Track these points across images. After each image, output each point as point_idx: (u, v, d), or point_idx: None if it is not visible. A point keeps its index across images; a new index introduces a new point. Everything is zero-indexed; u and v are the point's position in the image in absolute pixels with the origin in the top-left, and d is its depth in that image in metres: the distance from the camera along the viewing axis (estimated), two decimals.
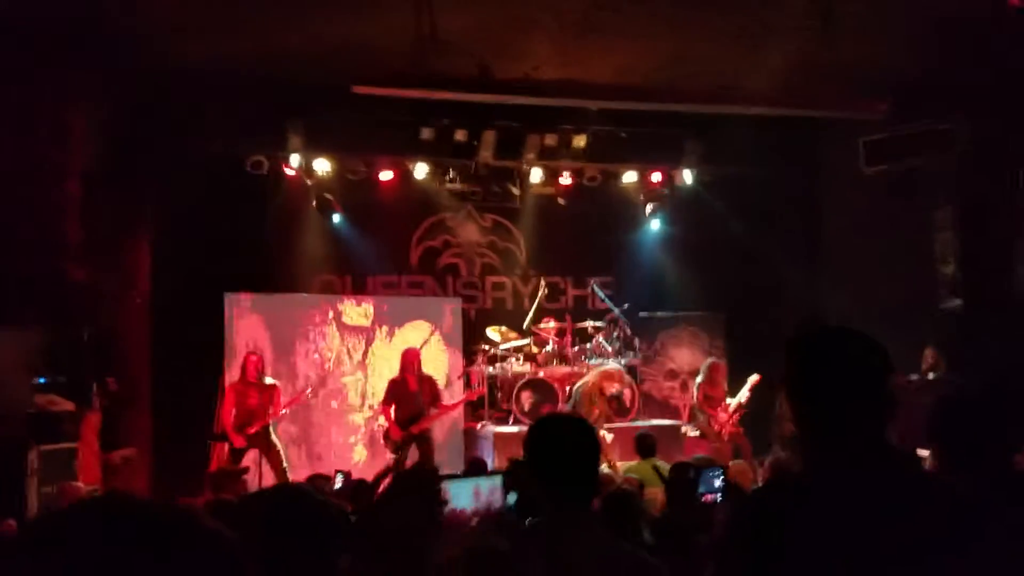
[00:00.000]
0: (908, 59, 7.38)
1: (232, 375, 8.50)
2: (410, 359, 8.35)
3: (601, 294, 10.34)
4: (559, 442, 2.24)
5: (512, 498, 4.03)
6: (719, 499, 4.49)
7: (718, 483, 4.52)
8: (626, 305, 10.35)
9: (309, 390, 8.96)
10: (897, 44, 7.13)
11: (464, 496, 4.15)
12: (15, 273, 7.37)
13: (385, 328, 10.03)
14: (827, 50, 6.47)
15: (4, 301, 7.26)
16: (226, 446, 7.96)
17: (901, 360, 7.45)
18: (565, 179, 9.76)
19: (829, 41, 6.30)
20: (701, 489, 4.40)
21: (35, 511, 6.04)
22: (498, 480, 4.52)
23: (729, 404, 9.07)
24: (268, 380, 8.17)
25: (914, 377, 8.18)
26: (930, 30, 7.00)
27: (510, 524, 2.32)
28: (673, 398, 10.59)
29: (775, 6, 6.45)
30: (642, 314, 10.54)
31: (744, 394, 9.02)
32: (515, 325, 10.04)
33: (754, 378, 8.94)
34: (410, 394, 8.22)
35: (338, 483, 6.51)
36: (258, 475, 7.78)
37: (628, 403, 9.63)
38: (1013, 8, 5.49)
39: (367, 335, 9.97)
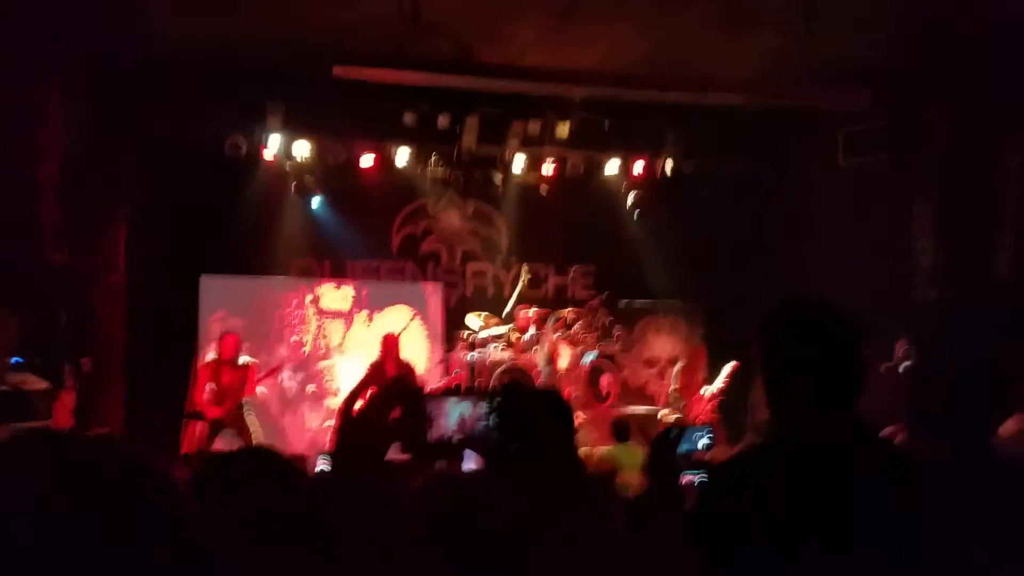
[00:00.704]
0: (888, 51, 7.41)
1: (206, 357, 8.46)
2: (390, 344, 8.34)
3: None
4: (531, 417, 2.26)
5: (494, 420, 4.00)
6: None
7: (704, 442, 4.47)
8: (606, 293, 10.39)
9: (285, 373, 8.92)
10: (878, 37, 7.16)
11: (450, 418, 4.11)
12: None
13: (365, 312, 10.02)
14: (808, 42, 6.49)
15: None
16: (199, 425, 7.92)
17: (876, 351, 7.55)
18: (548, 168, 9.72)
19: (810, 33, 6.32)
20: (685, 447, 4.36)
21: None
22: (483, 407, 4.48)
23: (705, 392, 9.16)
24: (243, 359, 8.13)
25: (884, 367, 8.25)
26: (909, 23, 7.04)
27: (491, 446, 2.32)
28: (650, 386, 10.63)
29: None
30: (622, 302, 10.57)
31: (721, 381, 9.10)
32: (496, 312, 10.06)
33: (731, 365, 9.01)
34: (388, 377, 8.22)
35: (321, 466, 6.45)
36: None
37: (604, 390, 9.70)
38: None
39: (346, 319, 9.95)
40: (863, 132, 8.12)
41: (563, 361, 9.52)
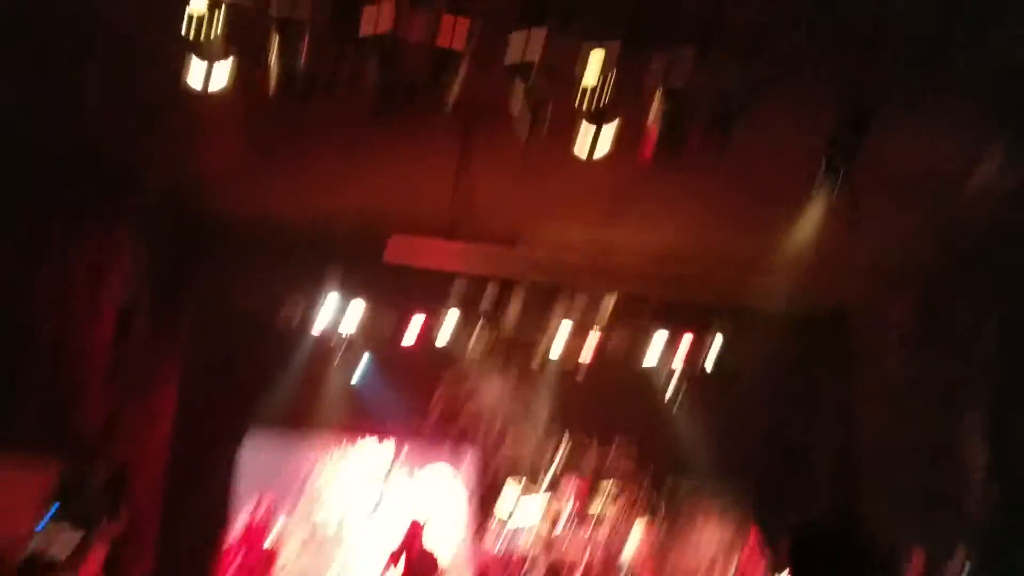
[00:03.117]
0: (936, 252, 7.40)
1: (240, 520, 8.40)
2: (414, 533, 8.21)
3: None
4: None
5: None
6: None
7: None
8: (652, 468, 10.13)
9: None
10: (923, 237, 7.17)
11: None
12: (40, 404, 7.50)
13: (405, 469, 9.97)
14: (853, 243, 6.53)
15: (27, 431, 7.36)
16: None
17: (933, 554, 7.11)
18: (589, 347, 9.70)
19: (855, 234, 6.37)
20: None
21: None
22: None
23: None
24: (268, 541, 8.02)
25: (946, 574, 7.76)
26: (955, 224, 7.05)
27: None
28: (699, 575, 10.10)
29: (800, 197, 6.56)
30: (668, 478, 10.28)
31: None
32: (535, 480, 9.87)
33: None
34: (412, 563, 8.01)
35: None
36: None
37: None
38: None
39: (385, 476, 9.90)
40: (911, 334, 7.98)
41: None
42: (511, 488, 9.68)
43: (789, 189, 6.65)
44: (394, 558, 8.06)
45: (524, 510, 9.50)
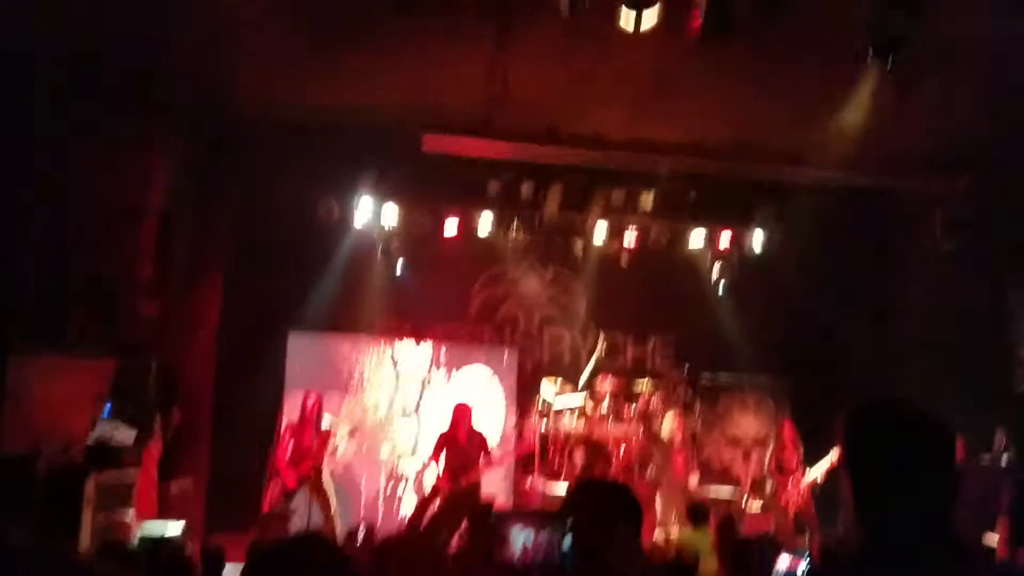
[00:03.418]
0: (988, 132, 7.20)
1: (290, 414, 8.61)
2: (461, 414, 8.33)
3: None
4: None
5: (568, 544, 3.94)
6: None
7: (783, 568, 4.30)
8: (687, 365, 10.18)
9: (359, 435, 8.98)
10: (977, 120, 6.97)
11: (515, 544, 4.04)
12: (89, 305, 7.67)
13: (443, 371, 10.11)
14: (905, 123, 6.36)
15: (77, 333, 7.55)
16: (278, 485, 8.02)
17: (972, 440, 7.16)
18: (630, 238, 9.65)
19: (906, 114, 6.20)
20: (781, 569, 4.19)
21: (88, 540, 6.15)
22: (545, 535, 4.40)
23: (801, 477, 8.56)
24: (325, 422, 8.23)
25: (984, 458, 7.83)
26: (1009, 102, 6.84)
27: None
28: (735, 467, 10.25)
29: (853, 76, 6.38)
30: (704, 375, 10.34)
31: (823, 467, 8.44)
32: (571, 379, 9.97)
33: (834, 456, 8.38)
34: (459, 447, 8.19)
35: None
36: (307, 517, 7.81)
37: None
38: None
39: (424, 378, 10.05)
40: (961, 215, 7.84)
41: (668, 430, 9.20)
42: (548, 387, 9.78)
43: (837, 70, 6.48)
44: (444, 438, 8.24)
45: (562, 405, 9.62)
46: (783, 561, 4.31)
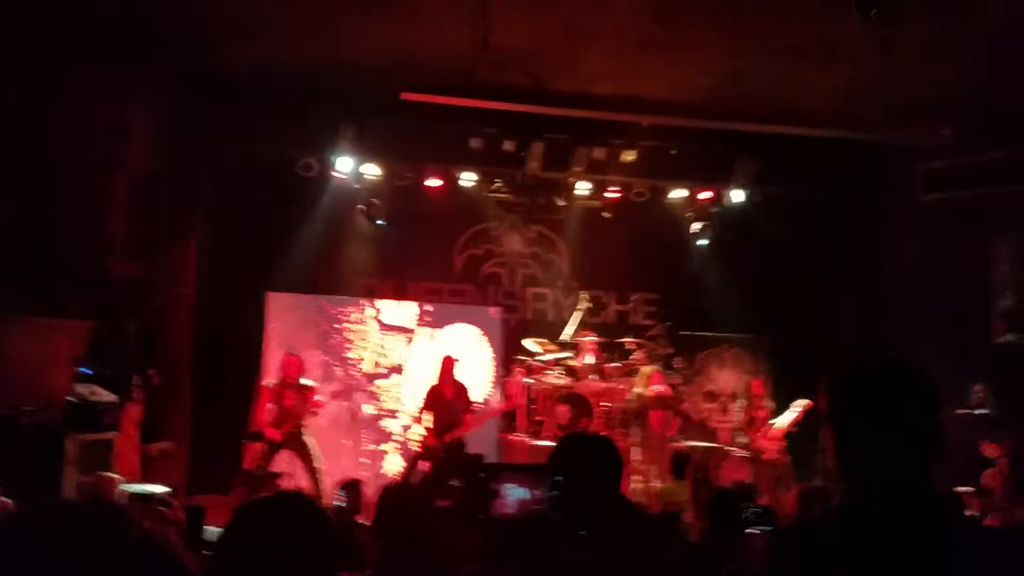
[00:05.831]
0: (972, 85, 7.18)
1: (270, 374, 8.58)
2: (447, 367, 8.34)
3: None
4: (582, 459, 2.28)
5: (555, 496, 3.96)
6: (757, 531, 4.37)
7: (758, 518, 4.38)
8: (668, 323, 10.23)
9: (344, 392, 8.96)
10: (962, 70, 6.94)
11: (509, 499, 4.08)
12: (65, 266, 7.55)
13: (427, 330, 10.08)
14: (888, 74, 6.32)
15: (53, 293, 7.43)
16: (260, 445, 8.01)
17: (953, 394, 7.25)
18: (612, 193, 9.65)
19: (890, 65, 6.16)
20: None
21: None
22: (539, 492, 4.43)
23: (772, 427, 8.88)
24: (304, 381, 8.21)
25: (961, 412, 7.94)
26: (994, 55, 6.81)
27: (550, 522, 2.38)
28: (712, 420, 10.41)
29: (836, 29, 6.32)
30: (683, 332, 10.40)
31: (789, 418, 8.78)
32: (555, 337, 9.98)
33: (804, 403, 8.65)
34: (446, 403, 8.22)
35: (336, 501, 6.15)
36: (292, 477, 7.82)
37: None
38: None
39: (408, 335, 10.02)
40: (944, 168, 7.85)
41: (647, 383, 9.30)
42: (531, 344, 9.79)
43: (824, 20, 6.42)
44: (433, 391, 8.26)
45: (545, 361, 9.64)
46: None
